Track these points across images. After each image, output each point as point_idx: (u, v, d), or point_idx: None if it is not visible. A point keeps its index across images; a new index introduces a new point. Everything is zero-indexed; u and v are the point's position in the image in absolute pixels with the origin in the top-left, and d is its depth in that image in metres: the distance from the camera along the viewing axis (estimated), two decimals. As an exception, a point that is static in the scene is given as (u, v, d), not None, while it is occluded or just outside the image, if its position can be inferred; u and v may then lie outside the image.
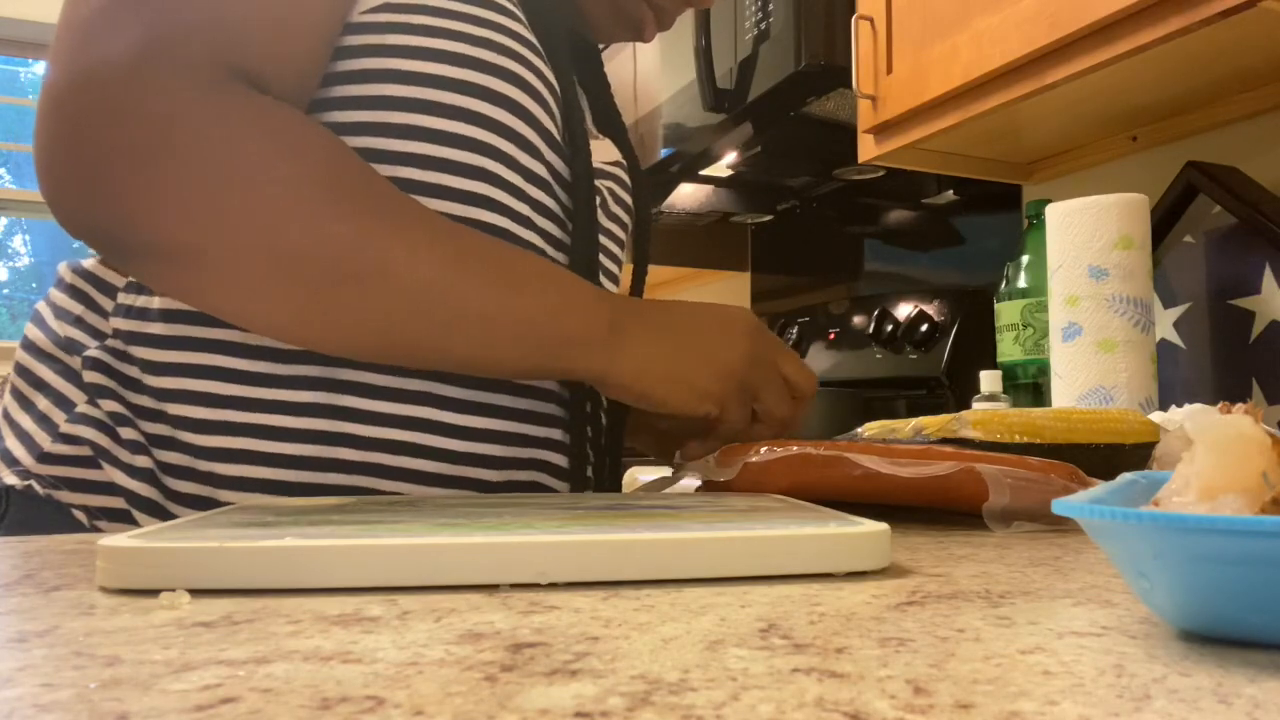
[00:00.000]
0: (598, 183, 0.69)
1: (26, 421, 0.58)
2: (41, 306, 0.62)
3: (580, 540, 0.34)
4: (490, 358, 0.55)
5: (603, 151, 0.72)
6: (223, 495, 0.56)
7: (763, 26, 1.51)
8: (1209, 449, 0.26)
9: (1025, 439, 0.76)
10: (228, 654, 0.24)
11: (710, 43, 1.63)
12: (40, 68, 3.13)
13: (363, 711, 0.20)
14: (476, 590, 0.33)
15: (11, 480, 0.56)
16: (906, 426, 0.88)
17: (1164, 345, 1.22)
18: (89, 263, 0.62)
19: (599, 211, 0.69)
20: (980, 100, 1.18)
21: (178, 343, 0.56)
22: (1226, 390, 1.15)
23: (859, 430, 0.97)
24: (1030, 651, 0.24)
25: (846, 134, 1.47)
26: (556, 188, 0.64)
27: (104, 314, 0.59)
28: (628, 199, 0.75)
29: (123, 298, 0.58)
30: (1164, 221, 1.22)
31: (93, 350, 0.57)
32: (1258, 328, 1.13)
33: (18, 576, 0.36)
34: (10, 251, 3.19)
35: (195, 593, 0.32)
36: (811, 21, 1.43)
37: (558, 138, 0.64)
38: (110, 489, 0.55)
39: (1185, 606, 0.25)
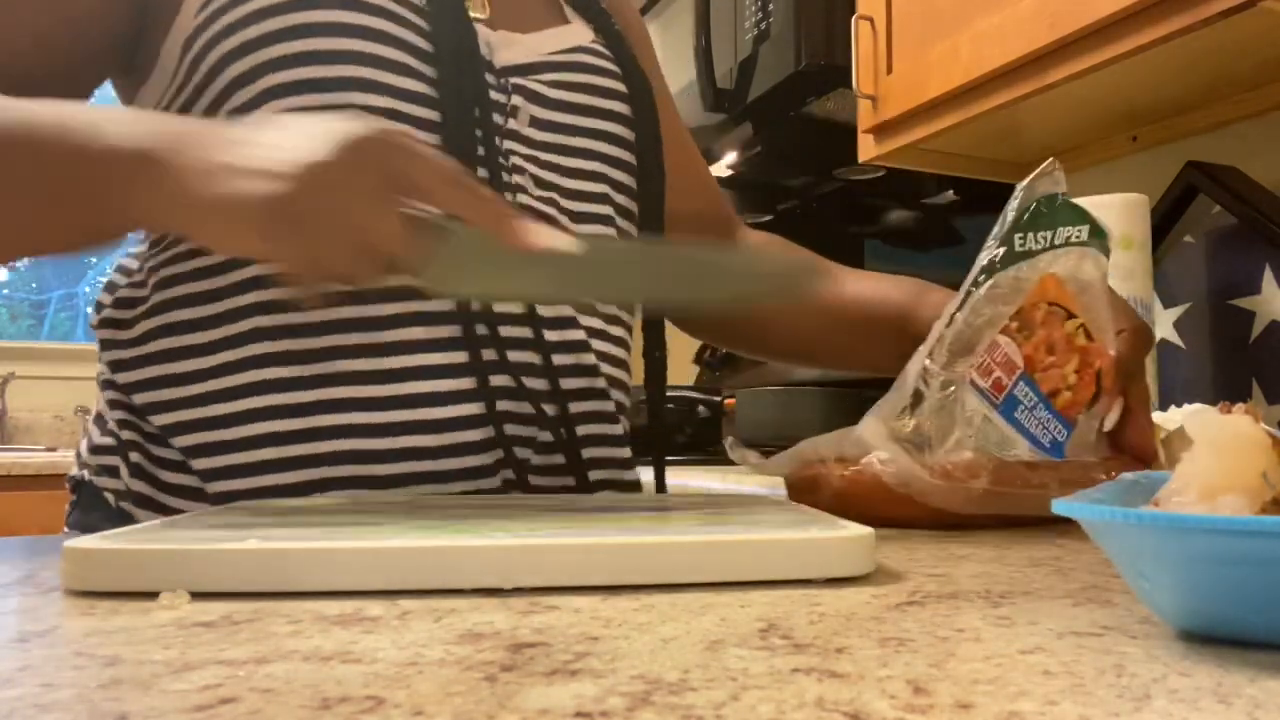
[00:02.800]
0: (523, 80, 0.64)
1: (90, 420, 0.67)
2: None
3: (554, 544, 0.34)
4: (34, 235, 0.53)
5: (548, 42, 0.67)
6: (211, 486, 0.58)
7: (763, 26, 1.51)
8: (1209, 449, 0.26)
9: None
10: (228, 654, 0.24)
11: (710, 43, 1.63)
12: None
13: (363, 711, 0.20)
14: (476, 590, 0.33)
15: (74, 471, 0.66)
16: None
17: (1164, 345, 1.22)
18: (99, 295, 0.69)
19: (529, 108, 0.64)
20: (980, 100, 1.18)
21: (147, 360, 0.61)
22: (1226, 390, 1.15)
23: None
24: (1030, 651, 0.24)
25: (846, 134, 1.47)
26: (427, 70, 0.60)
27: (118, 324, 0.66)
28: (602, 83, 0.68)
29: (103, 331, 0.66)
30: (1164, 221, 1.22)
31: (101, 367, 0.65)
32: (1258, 328, 1.13)
33: (18, 576, 0.36)
34: (10, 251, 3.18)
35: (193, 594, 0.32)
36: (811, 21, 1.43)
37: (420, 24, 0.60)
38: (119, 477, 0.62)
39: (1185, 606, 0.25)
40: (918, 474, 0.51)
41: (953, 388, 0.56)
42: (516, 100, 0.63)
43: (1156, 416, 0.84)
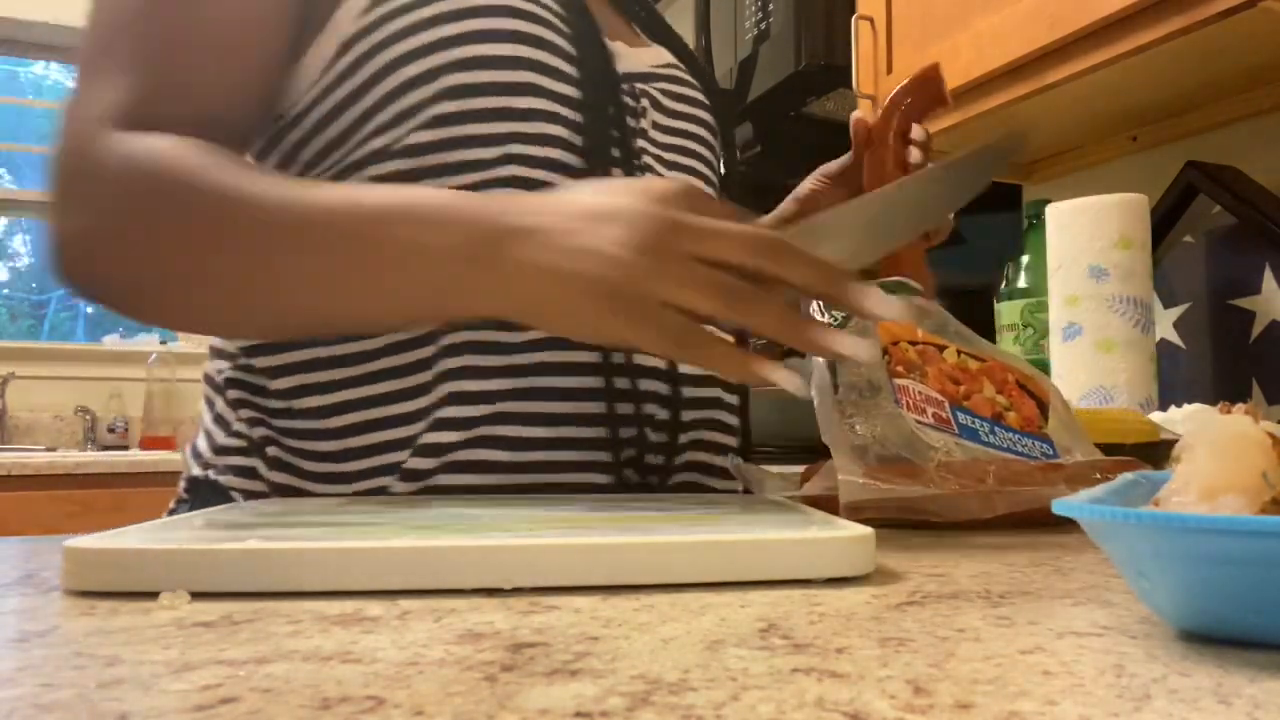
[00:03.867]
0: (644, 86, 0.69)
1: (208, 421, 0.67)
2: None
3: (554, 544, 0.34)
4: (370, 314, 0.54)
5: (650, 57, 0.72)
6: (347, 466, 0.61)
7: (763, 26, 1.51)
8: (1209, 449, 0.26)
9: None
10: (228, 654, 0.24)
11: (710, 43, 1.63)
12: (40, 68, 3.13)
13: (363, 711, 0.20)
14: (476, 590, 0.33)
15: (197, 471, 0.66)
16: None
17: (1164, 345, 1.22)
18: None
19: (652, 113, 0.69)
20: (980, 100, 1.18)
21: (288, 346, 0.63)
22: (1226, 390, 1.15)
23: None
24: (1030, 651, 0.24)
25: (846, 134, 1.47)
26: (574, 73, 0.64)
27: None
28: (696, 95, 0.74)
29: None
30: (1164, 221, 1.22)
31: (227, 371, 0.65)
32: (1258, 328, 1.13)
33: (18, 576, 0.36)
34: (10, 251, 3.18)
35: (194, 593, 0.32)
36: (811, 21, 1.43)
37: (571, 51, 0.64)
38: (259, 479, 0.63)
39: (1185, 606, 0.25)
40: (923, 493, 0.50)
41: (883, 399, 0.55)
42: (644, 103, 0.68)
43: (1156, 416, 0.84)
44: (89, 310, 3.23)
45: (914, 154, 0.74)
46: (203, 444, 0.67)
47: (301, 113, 0.62)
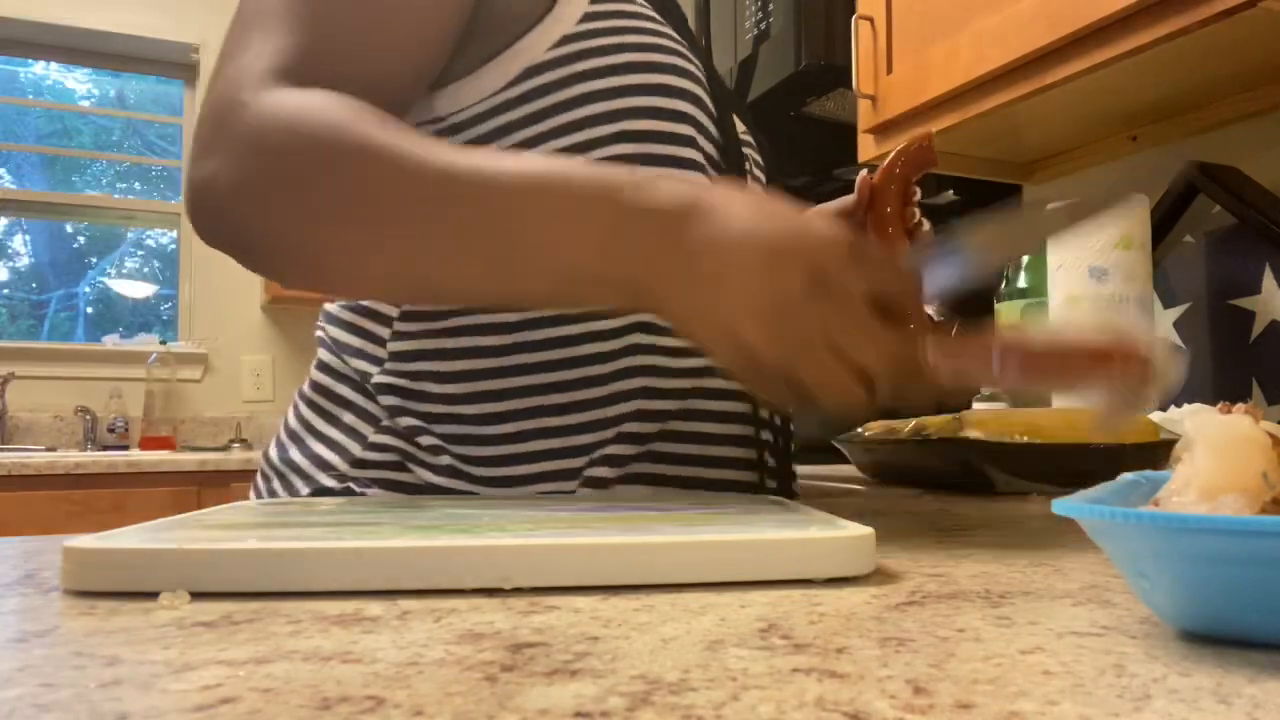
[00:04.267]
0: (749, 152, 0.75)
1: (334, 433, 0.66)
2: (323, 336, 0.71)
3: (554, 544, 0.34)
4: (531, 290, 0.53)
5: (741, 126, 0.77)
6: (517, 470, 0.63)
7: (763, 26, 1.51)
8: (1209, 449, 0.26)
9: (1026, 439, 0.76)
10: (228, 654, 0.24)
11: (710, 43, 1.63)
12: (40, 67, 3.12)
13: (363, 711, 0.20)
14: (476, 590, 0.33)
15: (329, 482, 0.65)
16: (906, 427, 0.88)
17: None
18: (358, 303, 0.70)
19: (754, 174, 0.75)
20: (980, 100, 1.18)
21: (458, 353, 0.64)
22: (1226, 390, 1.15)
23: (860, 430, 0.97)
24: (1030, 651, 0.24)
25: (846, 134, 1.47)
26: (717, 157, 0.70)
27: (379, 341, 0.66)
28: (762, 160, 0.79)
29: (399, 325, 0.65)
30: (1164, 221, 1.22)
31: (378, 377, 0.65)
32: (1258, 328, 1.13)
33: (18, 576, 0.36)
34: (10, 251, 3.18)
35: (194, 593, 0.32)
36: (811, 21, 1.43)
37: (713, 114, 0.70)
38: (418, 488, 0.63)
39: (1185, 606, 0.25)
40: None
41: None
42: (750, 167, 0.74)
43: (1156, 416, 0.84)
44: (89, 310, 3.23)
45: (915, 213, 0.75)
46: (327, 454, 0.66)
47: (464, 122, 0.63)
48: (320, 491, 0.65)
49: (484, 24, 0.62)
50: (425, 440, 0.63)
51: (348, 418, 0.66)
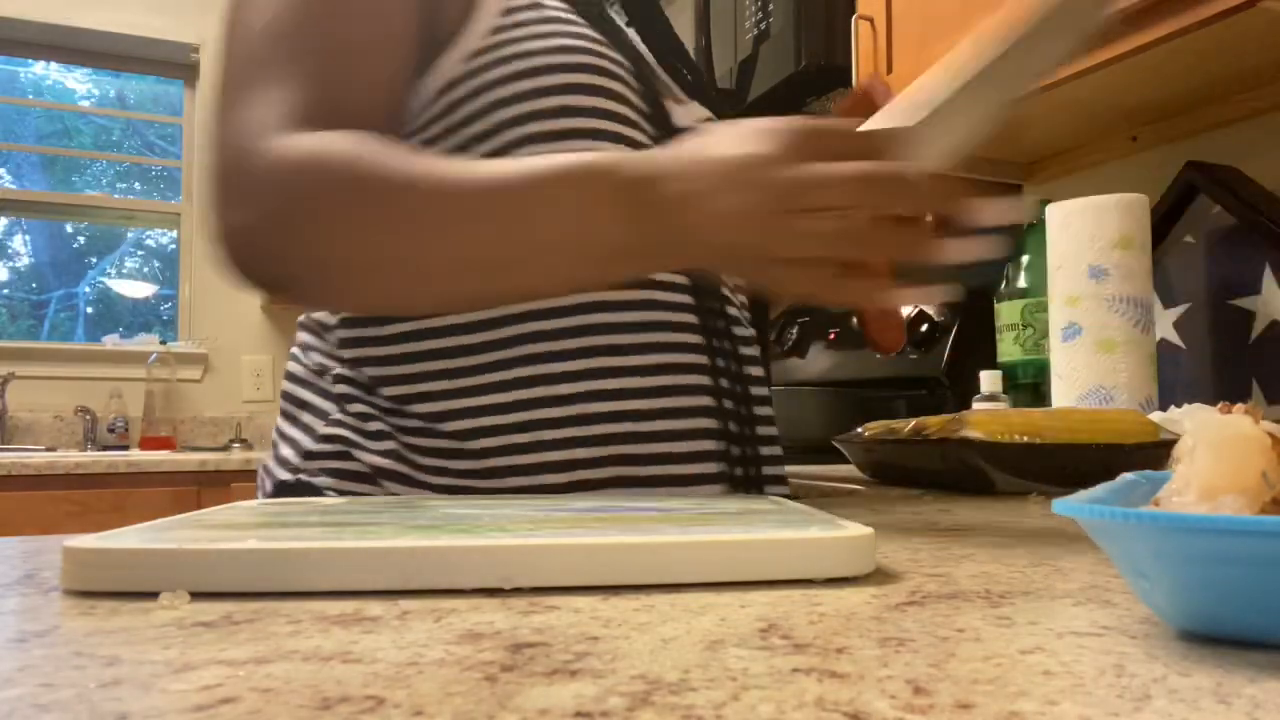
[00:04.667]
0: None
1: (294, 432, 0.70)
2: (295, 347, 0.75)
3: (554, 544, 0.34)
4: (547, 284, 0.57)
5: (694, 113, 0.76)
6: (464, 464, 0.64)
7: (763, 26, 1.51)
8: (1209, 449, 0.26)
9: (1026, 439, 0.76)
10: (228, 654, 0.24)
11: (710, 43, 1.63)
12: (40, 67, 3.12)
13: (363, 711, 0.20)
14: (476, 590, 0.33)
15: (284, 475, 0.68)
16: (906, 427, 0.88)
17: (1164, 345, 1.22)
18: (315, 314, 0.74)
19: None
20: (980, 100, 1.18)
21: (402, 359, 0.66)
22: (1226, 390, 1.15)
23: (860, 430, 0.97)
24: (1030, 651, 0.24)
25: (846, 134, 1.47)
26: (646, 126, 0.70)
27: (332, 344, 0.70)
28: None
29: (342, 331, 0.69)
30: (1164, 221, 1.22)
31: (337, 369, 0.69)
32: (1258, 328, 1.13)
33: (18, 576, 0.36)
34: (10, 251, 3.18)
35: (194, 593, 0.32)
36: (811, 21, 1.43)
37: (644, 108, 0.70)
38: (359, 476, 0.65)
39: (1185, 606, 0.25)
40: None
41: None
42: None
43: (1156, 416, 0.84)
44: (89, 310, 3.23)
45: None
46: (287, 451, 0.70)
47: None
48: (278, 486, 0.69)
49: (424, 53, 0.65)
50: (372, 426, 0.66)
51: (305, 416, 0.70)
